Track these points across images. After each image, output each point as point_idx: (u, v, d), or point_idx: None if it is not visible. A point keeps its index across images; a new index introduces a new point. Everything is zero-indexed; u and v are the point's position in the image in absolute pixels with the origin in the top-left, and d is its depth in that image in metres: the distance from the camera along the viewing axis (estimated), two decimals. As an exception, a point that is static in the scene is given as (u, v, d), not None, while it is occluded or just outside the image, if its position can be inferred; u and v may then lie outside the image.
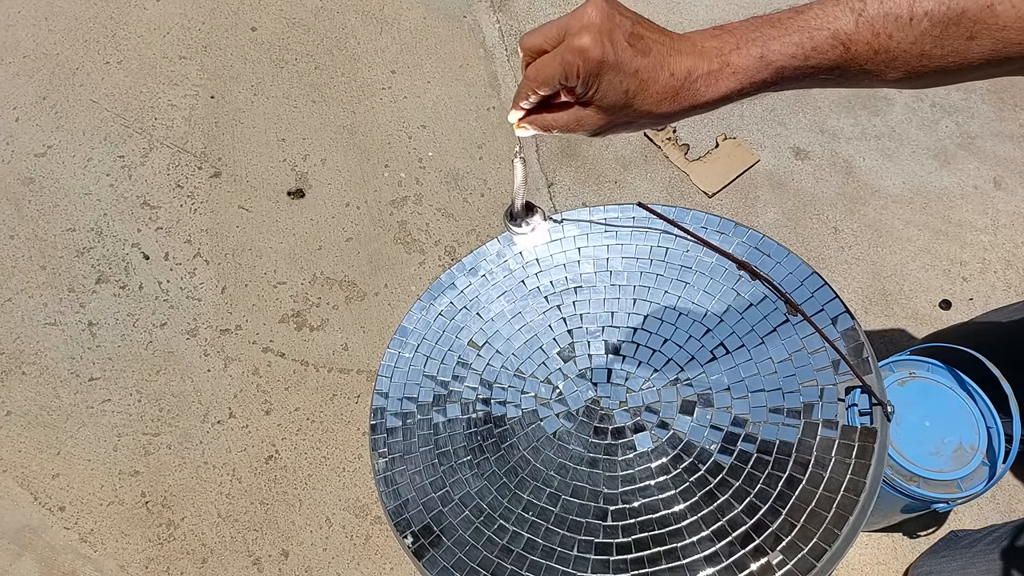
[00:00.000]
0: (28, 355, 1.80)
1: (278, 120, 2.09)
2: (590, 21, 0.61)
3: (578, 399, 1.00)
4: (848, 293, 1.82)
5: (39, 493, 1.66)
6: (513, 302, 1.09)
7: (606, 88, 0.63)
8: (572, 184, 1.99)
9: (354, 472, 1.67)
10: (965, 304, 1.81)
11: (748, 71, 0.62)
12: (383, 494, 0.98)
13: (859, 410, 0.86)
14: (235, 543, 1.61)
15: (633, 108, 0.65)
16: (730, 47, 0.63)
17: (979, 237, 1.88)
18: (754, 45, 0.62)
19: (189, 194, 1.99)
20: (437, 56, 2.18)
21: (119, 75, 2.16)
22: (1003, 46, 0.55)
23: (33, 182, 2.01)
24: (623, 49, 0.64)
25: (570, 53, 0.61)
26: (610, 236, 1.10)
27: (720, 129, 2.05)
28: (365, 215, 1.96)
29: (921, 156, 1.99)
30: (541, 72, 0.63)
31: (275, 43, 2.21)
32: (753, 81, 0.63)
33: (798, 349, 0.95)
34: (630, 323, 1.03)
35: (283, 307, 1.85)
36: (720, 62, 0.63)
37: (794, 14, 0.61)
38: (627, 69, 0.64)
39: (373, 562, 1.59)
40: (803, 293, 0.99)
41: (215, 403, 1.74)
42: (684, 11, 2.23)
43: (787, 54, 0.61)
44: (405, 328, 1.09)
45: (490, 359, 1.05)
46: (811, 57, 0.61)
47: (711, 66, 0.64)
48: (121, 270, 1.90)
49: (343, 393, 1.75)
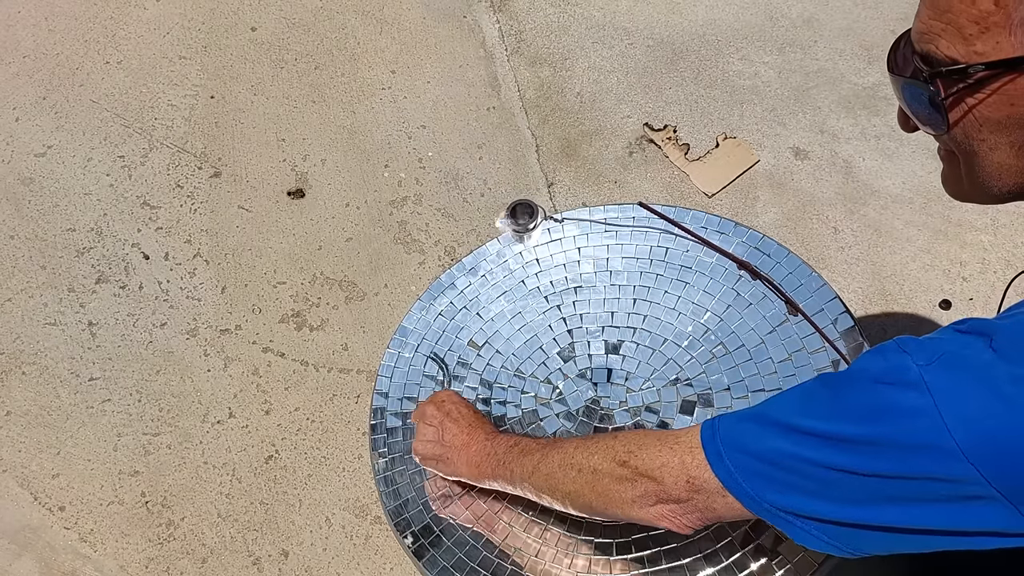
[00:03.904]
0: (28, 355, 1.80)
1: (278, 120, 2.09)
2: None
3: (578, 399, 1.00)
4: (848, 293, 1.82)
5: (39, 493, 1.66)
6: (513, 302, 1.09)
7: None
8: (572, 184, 1.99)
9: (354, 472, 1.67)
10: (965, 304, 1.81)
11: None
12: (383, 494, 0.98)
13: (859, 410, 0.87)
14: (235, 543, 1.61)
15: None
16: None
17: (979, 237, 1.88)
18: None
19: (189, 194, 1.99)
20: (437, 56, 2.18)
21: (119, 75, 2.16)
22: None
23: (33, 182, 2.01)
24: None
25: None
26: (610, 236, 1.10)
27: (720, 129, 2.05)
28: (365, 215, 1.96)
29: (921, 156, 1.99)
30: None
31: (275, 43, 2.21)
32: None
33: (798, 349, 0.95)
34: (630, 323, 1.03)
35: (283, 307, 1.85)
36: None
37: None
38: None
39: (373, 562, 1.59)
40: (803, 293, 0.99)
41: (215, 403, 1.74)
42: (684, 11, 2.24)
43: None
44: (405, 328, 1.09)
45: (490, 359, 1.05)
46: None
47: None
48: (121, 270, 1.90)
49: (343, 393, 1.75)
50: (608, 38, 2.20)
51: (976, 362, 0.57)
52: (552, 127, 2.07)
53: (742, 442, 0.68)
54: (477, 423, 0.95)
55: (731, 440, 0.69)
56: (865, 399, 0.61)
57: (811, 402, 0.65)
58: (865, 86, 2.09)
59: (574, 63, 2.16)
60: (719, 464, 0.69)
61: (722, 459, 0.68)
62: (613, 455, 0.77)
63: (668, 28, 2.21)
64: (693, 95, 2.10)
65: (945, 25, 0.59)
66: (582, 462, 0.79)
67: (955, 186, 0.74)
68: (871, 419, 0.60)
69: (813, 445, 0.62)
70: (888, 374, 0.60)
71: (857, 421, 0.60)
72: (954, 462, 0.55)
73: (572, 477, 0.80)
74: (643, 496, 0.74)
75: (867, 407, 0.61)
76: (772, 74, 2.13)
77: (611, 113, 2.08)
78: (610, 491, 0.77)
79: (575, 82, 2.13)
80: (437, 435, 0.95)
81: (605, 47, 2.18)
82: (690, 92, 2.10)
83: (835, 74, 2.11)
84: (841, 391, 0.63)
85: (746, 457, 0.67)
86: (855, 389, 0.62)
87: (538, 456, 0.84)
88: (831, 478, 0.62)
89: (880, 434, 0.59)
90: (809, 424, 0.63)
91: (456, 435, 0.94)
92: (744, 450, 0.68)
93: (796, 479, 0.64)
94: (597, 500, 0.78)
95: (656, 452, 0.73)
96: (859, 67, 2.12)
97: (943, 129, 0.64)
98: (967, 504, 0.57)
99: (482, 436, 0.93)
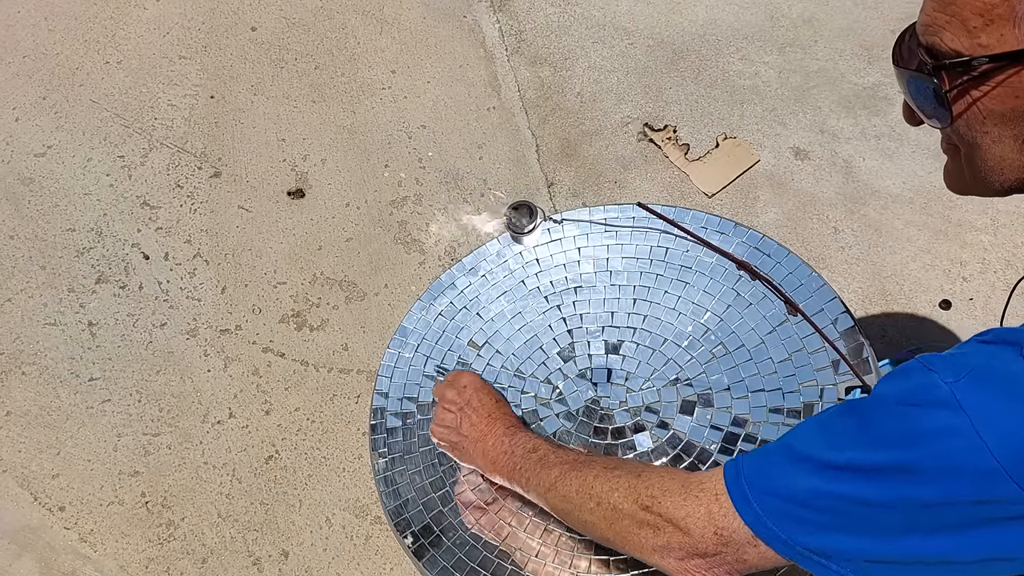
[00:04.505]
0: (28, 355, 1.80)
1: (278, 120, 2.09)
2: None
3: (578, 399, 1.00)
4: (848, 293, 1.82)
5: (39, 493, 1.66)
6: (513, 302, 1.09)
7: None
8: (572, 184, 1.99)
9: (354, 472, 1.67)
10: (965, 304, 1.81)
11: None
12: (383, 494, 0.98)
13: (859, 410, 0.86)
14: (235, 543, 1.61)
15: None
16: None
17: (979, 237, 1.88)
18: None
19: (189, 194, 1.99)
20: (437, 56, 2.18)
21: (119, 75, 2.16)
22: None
23: (33, 182, 2.01)
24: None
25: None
26: (610, 236, 1.10)
27: (720, 129, 2.05)
28: (365, 215, 1.96)
29: (921, 156, 1.99)
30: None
31: (275, 43, 2.21)
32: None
33: (798, 349, 0.95)
34: (630, 323, 1.03)
35: (283, 307, 1.85)
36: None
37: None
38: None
39: (373, 562, 1.59)
40: (803, 293, 0.99)
41: (215, 403, 1.74)
42: (684, 11, 2.24)
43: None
44: (405, 328, 1.09)
45: (490, 359, 1.05)
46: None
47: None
48: (121, 270, 1.90)
49: (343, 393, 1.75)
50: (608, 38, 2.20)
51: (1008, 373, 0.54)
52: (552, 127, 2.07)
53: (770, 484, 0.64)
54: (497, 413, 0.93)
55: (757, 482, 0.65)
56: (894, 423, 0.57)
57: (836, 433, 0.62)
58: (865, 86, 2.09)
59: (574, 63, 2.16)
60: (746, 508, 0.65)
61: (749, 503, 0.65)
62: (636, 496, 0.73)
63: (668, 28, 2.20)
64: (693, 95, 2.10)
65: (950, 17, 0.58)
66: (602, 495, 0.76)
67: (957, 180, 0.73)
68: (902, 444, 0.56)
69: (845, 479, 0.59)
70: (915, 395, 0.57)
71: (888, 447, 0.57)
72: (996, 482, 0.52)
73: (590, 508, 0.77)
74: (666, 547, 0.70)
75: (897, 432, 0.57)
76: (772, 74, 2.13)
77: (611, 113, 2.08)
78: (629, 533, 0.73)
79: (575, 82, 2.13)
80: (455, 422, 0.94)
81: (605, 47, 2.18)
82: (690, 92, 2.10)
83: (835, 74, 2.11)
84: (867, 418, 0.60)
85: (775, 499, 0.63)
86: (882, 414, 0.59)
87: (556, 473, 0.82)
88: (867, 512, 0.58)
89: (914, 459, 0.55)
90: (837, 457, 0.60)
91: (475, 425, 0.93)
92: (772, 492, 0.64)
93: (830, 518, 0.60)
94: (615, 538, 0.76)
95: (680, 500, 0.69)
96: (859, 67, 2.12)
97: (947, 122, 0.64)
98: (1013, 525, 0.54)
99: (500, 430, 0.91)
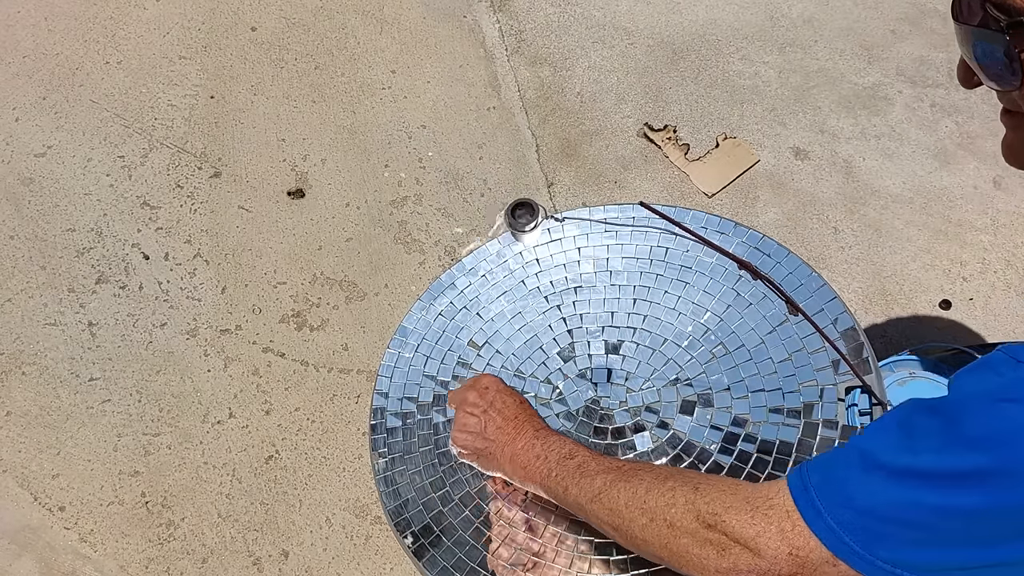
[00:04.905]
0: (28, 355, 1.80)
1: (278, 120, 2.09)
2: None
3: (578, 399, 0.99)
4: (848, 293, 1.82)
5: (39, 493, 1.66)
6: (513, 302, 1.08)
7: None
8: (572, 184, 1.99)
9: (354, 472, 1.67)
10: (965, 304, 1.81)
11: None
12: (383, 494, 0.97)
13: (859, 410, 0.86)
14: (235, 543, 1.61)
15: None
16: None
17: (979, 237, 1.88)
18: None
19: (189, 194, 1.99)
20: (437, 56, 2.18)
21: (119, 75, 2.16)
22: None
23: (33, 182, 2.01)
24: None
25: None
26: (610, 236, 1.10)
27: (720, 129, 2.05)
28: (365, 215, 1.96)
29: (921, 156, 1.99)
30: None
31: (275, 43, 2.21)
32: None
33: (798, 349, 0.95)
34: (630, 323, 1.03)
35: (283, 307, 1.85)
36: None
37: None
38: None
39: (373, 562, 1.59)
40: (803, 293, 0.99)
41: (215, 403, 1.74)
42: (684, 11, 2.24)
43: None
44: (405, 328, 1.09)
45: (490, 359, 1.05)
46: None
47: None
48: (121, 270, 1.90)
49: (343, 393, 1.75)
50: (608, 38, 2.20)
51: None
52: (552, 127, 2.07)
53: (845, 495, 0.59)
54: (524, 416, 0.88)
55: (830, 494, 0.60)
56: (988, 422, 0.53)
57: (918, 435, 0.57)
58: (865, 86, 2.09)
59: (574, 63, 2.16)
60: (818, 522, 0.59)
61: (821, 517, 0.59)
62: (696, 512, 0.66)
63: (668, 28, 2.20)
64: (693, 95, 2.10)
65: None
66: (656, 510, 0.69)
67: (1020, 153, 0.65)
68: (999, 444, 0.52)
69: (932, 487, 0.54)
70: (1010, 389, 0.53)
71: (981, 449, 0.52)
72: None
73: (642, 524, 0.70)
74: (733, 568, 0.64)
75: (992, 431, 0.53)
76: (772, 74, 2.12)
77: (611, 113, 2.08)
78: (689, 553, 0.67)
79: (575, 82, 2.13)
80: (480, 426, 0.89)
81: (605, 47, 2.18)
82: (690, 92, 2.10)
83: (835, 74, 2.11)
84: (955, 417, 0.55)
85: (852, 513, 0.58)
86: (972, 412, 0.54)
87: (600, 483, 0.75)
88: (958, 523, 0.54)
89: (1013, 460, 0.51)
90: (922, 462, 0.55)
91: (501, 428, 0.87)
92: (849, 505, 0.58)
93: (917, 531, 0.55)
94: (671, 557, 0.69)
95: (748, 517, 0.63)
96: (859, 67, 2.12)
97: (1015, 84, 0.57)
98: None
99: (530, 433, 0.85)
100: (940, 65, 2.09)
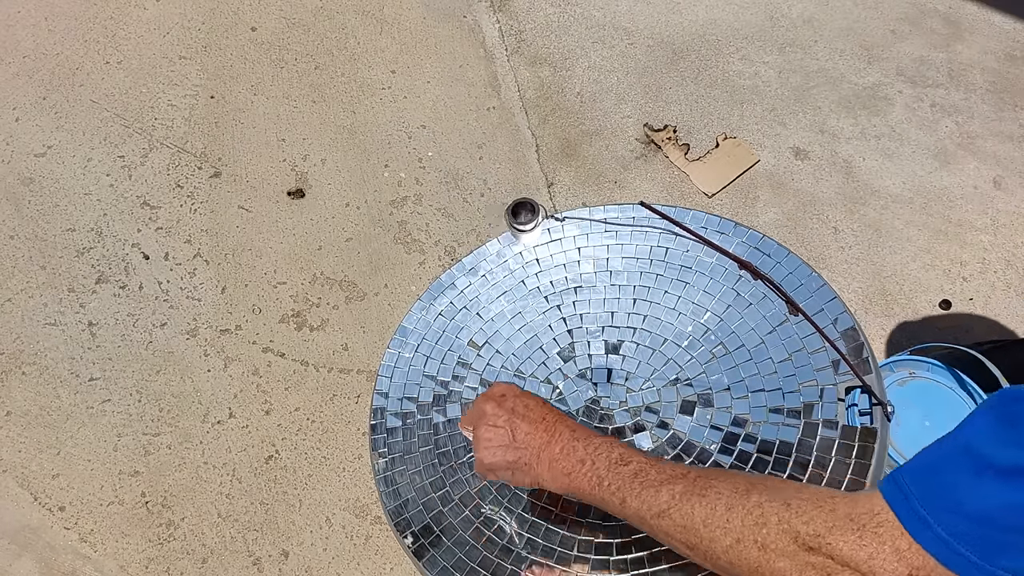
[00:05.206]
0: (28, 355, 1.80)
1: (278, 120, 2.09)
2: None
3: (578, 399, 0.99)
4: (848, 293, 1.82)
5: (39, 493, 1.66)
6: (513, 302, 1.08)
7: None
8: (572, 184, 1.99)
9: (354, 472, 1.67)
10: (965, 304, 1.81)
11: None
12: (383, 494, 0.97)
13: (859, 410, 0.86)
14: (235, 543, 1.61)
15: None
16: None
17: (979, 237, 1.88)
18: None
19: (189, 194, 1.99)
20: (437, 56, 2.18)
21: (119, 75, 2.16)
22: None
23: (33, 182, 2.01)
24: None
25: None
26: (610, 236, 1.10)
27: (720, 129, 2.05)
28: (365, 215, 1.96)
29: (921, 156, 1.99)
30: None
31: (275, 43, 2.21)
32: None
33: (798, 349, 0.95)
34: (630, 323, 1.03)
35: (283, 307, 1.85)
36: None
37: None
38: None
39: (373, 562, 1.59)
40: (803, 293, 0.99)
41: (215, 403, 1.74)
42: (684, 11, 2.24)
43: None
44: (405, 328, 1.09)
45: (490, 359, 1.05)
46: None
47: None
48: (121, 270, 1.90)
49: (343, 393, 1.75)
50: (608, 38, 2.20)
51: None
52: (552, 127, 2.07)
53: (953, 501, 0.54)
54: (552, 416, 0.79)
55: (934, 501, 0.55)
56: None
57: (1022, 424, 0.52)
58: (865, 86, 2.09)
59: (574, 63, 2.16)
60: (925, 534, 0.54)
61: (930, 528, 0.54)
62: (793, 533, 0.60)
63: (668, 28, 2.20)
64: (693, 95, 2.10)
65: None
66: (743, 531, 0.62)
67: None
68: None
69: None
70: None
71: None
72: None
73: (726, 546, 0.63)
74: None
75: None
76: (772, 74, 2.13)
77: (611, 113, 2.08)
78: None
79: (575, 82, 2.13)
80: (507, 437, 0.79)
81: (605, 47, 2.18)
82: (690, 92, 2.10)
83: (835, 74, 2.11)
84: None
85: (962, 520, 0.54)
86: None
87: (667, 497, 0.68)
88: None
89: None
90: None
91: (531, 433, 0.78)
92: (956, 510, 0.54)
93: None
94: None
95: (856, 538, 0.57)
96: (859, 67, 2.12)
97: None
98: None
99: (566, 434, 0.77)
100: (940, 65, 2.09)
